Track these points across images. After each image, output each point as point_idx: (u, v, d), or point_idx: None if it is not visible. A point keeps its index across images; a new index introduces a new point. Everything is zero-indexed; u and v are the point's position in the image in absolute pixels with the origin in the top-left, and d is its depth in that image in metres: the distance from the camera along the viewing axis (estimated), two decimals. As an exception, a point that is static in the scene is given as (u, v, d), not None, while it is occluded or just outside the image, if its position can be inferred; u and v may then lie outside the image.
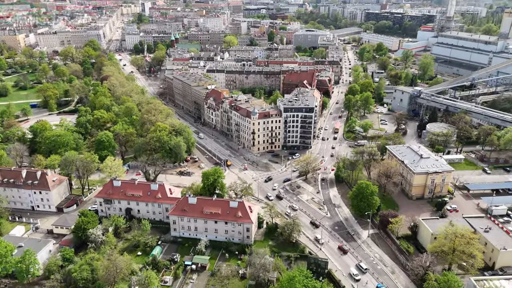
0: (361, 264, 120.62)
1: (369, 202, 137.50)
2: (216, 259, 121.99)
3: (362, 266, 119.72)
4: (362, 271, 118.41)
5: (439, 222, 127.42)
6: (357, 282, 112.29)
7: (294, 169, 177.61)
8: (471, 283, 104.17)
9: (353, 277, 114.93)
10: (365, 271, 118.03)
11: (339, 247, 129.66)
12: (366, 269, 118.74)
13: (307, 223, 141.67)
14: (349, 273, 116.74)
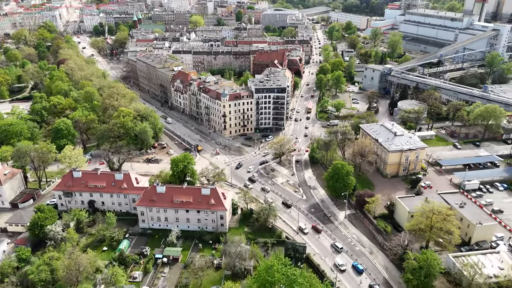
0: (336, 244, 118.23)
1: (345, 182, 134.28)
2: (189, 250, 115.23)
3: (338, 246, 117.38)
4: (337, 250, 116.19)
5: (415, 199, 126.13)
6: (339, 268, 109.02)
7: (263, 154, 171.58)
8: (450, 260, 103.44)
9: (337, 266, 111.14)
10: (340, 250, 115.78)
11: (312, 226, 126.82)
12: (341, 248, 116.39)
13: (282, 206, 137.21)
14: (333, 264, 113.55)
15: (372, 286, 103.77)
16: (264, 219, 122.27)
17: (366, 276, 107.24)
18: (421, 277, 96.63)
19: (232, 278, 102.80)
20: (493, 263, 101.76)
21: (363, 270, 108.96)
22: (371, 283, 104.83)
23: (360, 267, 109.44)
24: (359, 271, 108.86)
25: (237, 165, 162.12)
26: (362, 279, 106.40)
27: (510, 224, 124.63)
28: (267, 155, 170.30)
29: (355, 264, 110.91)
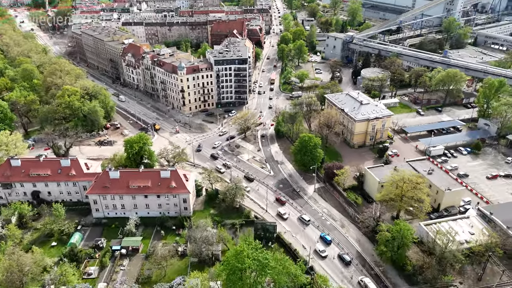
0: (303, 217, 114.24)
1: (312, 155, 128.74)
2: (150, 238, 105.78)
3: (305, 218, 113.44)
4: (304, 223, 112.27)
5: (384, 169, 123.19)
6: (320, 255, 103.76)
7: (220, 133, 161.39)
8: (422, 229, 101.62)
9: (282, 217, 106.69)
10: (307, 223, 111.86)
11: (276, 199, 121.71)
12: (308, 221, 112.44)
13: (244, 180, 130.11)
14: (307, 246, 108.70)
15: (341, 255, 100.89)
16: (230, 199, 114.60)
17: (334, 246, 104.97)
18: (394, 249, 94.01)
19: (199, 266, 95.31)
20: (464, 228, 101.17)
21: (331, 240, 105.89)
22: (340, 252, 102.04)
23: (328, 238, 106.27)
24: (327, 242, 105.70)
25: (198, 148, 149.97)
26: (332, 250, 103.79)
27: (476, 188, 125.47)
28: (224, 134, 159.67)
29: (323, 235, 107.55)
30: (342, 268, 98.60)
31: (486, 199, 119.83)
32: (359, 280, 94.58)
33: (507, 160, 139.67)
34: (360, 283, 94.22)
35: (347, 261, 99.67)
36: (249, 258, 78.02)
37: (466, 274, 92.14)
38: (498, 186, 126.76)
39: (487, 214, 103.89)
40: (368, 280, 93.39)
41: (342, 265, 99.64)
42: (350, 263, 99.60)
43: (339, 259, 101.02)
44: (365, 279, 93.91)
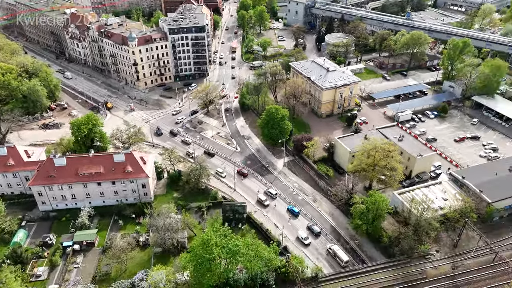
0: (270, 190, 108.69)
1: (280, 128, 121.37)
2: (107, 230, 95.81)
3: (272, 192, 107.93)
4: (272, 197, 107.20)
5: (354, 138, 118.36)
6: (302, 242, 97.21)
7: (174, 112, 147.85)
8: (396, 198, 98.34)
9: (263, 203, 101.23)
10: (275, 197, 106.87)
11: (237, 171, 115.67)
12: (275, 194, 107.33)
13: (215, 162, 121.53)
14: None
15: (310, 227, 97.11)
16: (195, 180, 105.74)
17: (302, 218, 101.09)
18: (369, 221, 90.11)
19: (164, 256, 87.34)
20: (437, 194, 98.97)
21: (298, 212, 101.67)
22: (309, 224, 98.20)
23: (296, 210, 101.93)
24: (295, 213, 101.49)
25: (157, 131, 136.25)
26: (300, 223, 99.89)
27: (445, 151, 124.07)
28: (178, 113, 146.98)
29: (290, 207, 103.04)
30: (312, 240, 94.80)
31: (455, 162, 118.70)
32: (328, 248, 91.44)
33: (473, 122, 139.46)
34: (329, 251, 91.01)
35: (317, 232, 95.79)
36: (218, 246, 70.67)
37: (442, 242, 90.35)
38: (466, 149, 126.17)
39: (459, 178, 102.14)
40: (337, 248, 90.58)
41: (312, 236, 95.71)
42: (320, 234, 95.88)
43: (308, 231, 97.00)
44: (334, 247, 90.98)
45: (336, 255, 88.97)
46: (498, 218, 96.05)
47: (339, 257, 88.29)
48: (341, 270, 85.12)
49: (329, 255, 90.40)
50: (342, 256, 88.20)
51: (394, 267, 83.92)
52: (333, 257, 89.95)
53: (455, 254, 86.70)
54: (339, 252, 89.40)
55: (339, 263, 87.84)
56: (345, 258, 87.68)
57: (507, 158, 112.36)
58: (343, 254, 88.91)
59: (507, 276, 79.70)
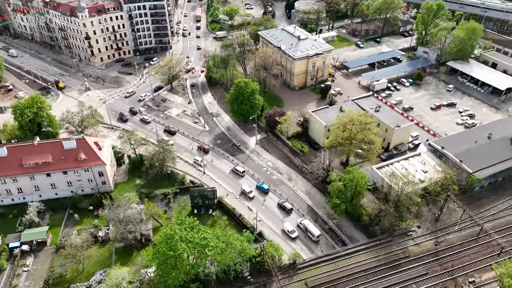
0: (237, 168, 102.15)
1: (251, 103, 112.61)
2: (61, 226, 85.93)
3: (239, 170, 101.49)
4: (239, 175, 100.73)
5: (329, 111, 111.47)
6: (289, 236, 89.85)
7: (127, 93, 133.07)
8: (375, 173, 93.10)
9: (247, 196, 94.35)
10: (242, 174, 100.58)
11: (198, 147, 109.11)
12: (243, 172, 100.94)
13: (179, 143, 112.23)
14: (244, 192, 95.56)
15: (281, 204, 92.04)
16: (159, 165, 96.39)
17: (272, 195, 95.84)
18: (347, 199, 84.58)
19: (126, 251, 79.18)
20: (417, 167, 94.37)
21: (268, 189, 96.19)
22: (280, 201, 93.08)
23: (265, 187, 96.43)
24: (265, 191, 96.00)
25: (120, 116, 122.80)
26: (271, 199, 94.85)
27: (422, 120, 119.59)
28: (131, 94, 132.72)
29: (259, 184, 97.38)
30: (283, 217, 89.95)
31: (433, 131, 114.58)
32: (298, 223, 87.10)
33: (448, 88, 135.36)
34: (299, 226, 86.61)
35: (288, 209, 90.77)
36: (183, 241, 62.82)
37: (423, 217, 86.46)
38: (442, 116, 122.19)
39: (439, 148, 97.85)
40: (308, 222, 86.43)
41: (284, 214, 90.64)
42: (291, 210, 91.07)
43: (279, 208, 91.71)
44: (304, 221, 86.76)
45: (307, 230, 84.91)
46: (479, 188, 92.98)
47: (310, 232, 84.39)
48: (321, 254, 79.74)
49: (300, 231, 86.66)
50: (313, 231, 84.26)
51: (375, 247, 79.38)
52: (304, 232, 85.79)
53: (437, 229, 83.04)
54: (310, 226, 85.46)
55: (311, 238, 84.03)
56: (316, 233, 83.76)
57: (485, 125, 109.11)
58: (314, 229, 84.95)
59: (491, 249, 76.81)
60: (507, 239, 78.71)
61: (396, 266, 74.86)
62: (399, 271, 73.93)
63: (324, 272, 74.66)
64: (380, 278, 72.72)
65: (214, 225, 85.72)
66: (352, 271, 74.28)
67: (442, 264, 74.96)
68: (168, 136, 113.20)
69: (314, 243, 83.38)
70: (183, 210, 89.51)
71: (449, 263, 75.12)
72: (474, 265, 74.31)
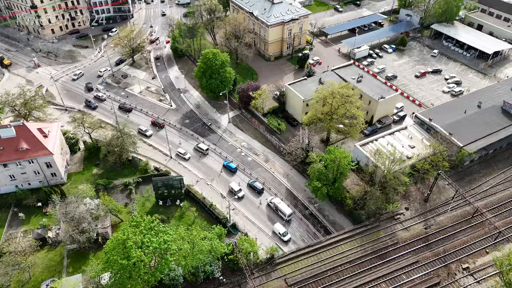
0: (200, 146, 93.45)
1: (221, 77, 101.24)
2: (4, 227, 74.63)
3: (202, 148, 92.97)
4: (203, 152, 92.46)
5: (308, 83, 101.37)
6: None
7: (75, 76, 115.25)
8: (358, 151, 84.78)
9: (236, 195, 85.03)
10: (206, 153, 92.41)
11: (152, 122, 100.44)
12: (207, 150, 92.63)
13: (137, 121, 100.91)
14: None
15: (251, 184, 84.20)
16: (118, 151, 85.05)
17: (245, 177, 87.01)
18: (329, 182, 76.37)
19: (81, 254, 69.16)
20: (403, 142, 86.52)
21: (236, 168, 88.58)
22: (250, 181, 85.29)
23: (233, 166, 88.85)
24: (232, 170, 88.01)
25: (86, 103, 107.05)
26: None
27: (406, 90, 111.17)
28: (80, 76, 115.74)
29: (226, 163, 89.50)
30: (254, 198, 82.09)
31: (418, 101, 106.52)
32: (269, 202, 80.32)
33: (433, 54, 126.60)
34: (269, 205, 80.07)
35: (259, 189, 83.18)
36: (139, 247, 53.20)
37: (411, 197, 79.36)
38: (428, 84, 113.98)
39: (426, 121, 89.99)
40: (278, 200, 79.54)
41: (254, 194, 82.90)
42: (263, 190, 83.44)
43: (249, 188, 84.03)
44: (275, 200, 79.84)
45: (278, 208, 78.02)
46: (469, 162, 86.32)
47: (281, 211, 77.55)
48: (302, 246, 71.96)
49: (270, 211, 79.45)
50: (284, 210, 77.39)
51: (361, 234, 72.08)
52: (275, 211, 78.86)
53: (426, 210, 76.24)
54: (281, 205, 78.35)
55: (282, 217, 77.41)
56: (287, 211, 77.00)
57: (474, 93, 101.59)
58: (285, 207, 78.01)
59: (485, 230, 70.73)
60: (502, 220, 72.60)
61: (384, 255, 67.98)
62: (388, 261, 67.16)
63: (305, 266, 67.06)
64: (367, 269, 65.84)
65: (182, 218, 76.53)
66: (336, 263, 67.02)
67: (433, 250, 68.53)
68: (123, 113, 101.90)
69: (287, 223, 76.83)
70: (147, 202, 79.58)
71: (441, 248, 68.77)
72: (467, 249, 68.17)
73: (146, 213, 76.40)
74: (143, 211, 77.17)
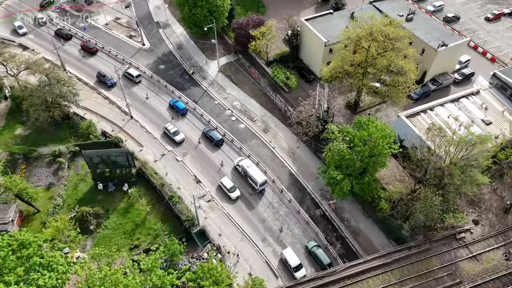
0: (128, 71, 70.79)
1: (210, 4, 70.97)
2: None
3: (131, 74, 70.43)
4: (133, 80, 70.22)
5: (334, 19, 70.40)
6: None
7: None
8: (403, 125, 55.70)
9: (229, 195, 58.74)
10: (137, 80, 70.46)
11: (81, 46, 76.39)
12: (138, 76, 70.83)
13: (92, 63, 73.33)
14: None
15: (206, 132, 62.04)
16: (47, 105, 58.44)
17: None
18: (356, 172, 48.74)
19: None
20: (474, 114, 56.68)
21: (185, 109, 66.13)
22: (205, 129, 62.89)
23: (181, 105, 65.99)
24: (181, 111, 65.45)
25: (99, 77, 74.73)
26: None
27: (473, 37, 78.36)
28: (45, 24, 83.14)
29: (173, 102, 66.73)
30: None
31: (490, 54, 74.38)
32: (236, 165, 57.79)
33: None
34: (237, 169, 57.57)
35: (217, 141, 60.74)
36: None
37: (484, 204, 51.07)
38: (505, 32, 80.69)
39: (510, 82, 58.99)
40: (248, 163, 56.58)
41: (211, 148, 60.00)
42: (222, 142, 61.35)
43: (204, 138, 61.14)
44: (243, 162, 56.77)
45: (248, 174, 55.24)
46: None
47: (252, 178, 54.78)
48: (306, 275, 46.07)
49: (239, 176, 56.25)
50: (256, 177, 54.41)
51: (401, 262, 45.26)
52: (244, 177, 55.95)
53: (508, 228, 48.22)
54: (252, 170, 55.22)
55: (253, 187, 55.02)
56: (260, 179, 54.19)
57: None
58: (257, 174, 54.86)
59: None
60: None
61: (437, 303, 41.70)
62: (444, 314, 40.98)
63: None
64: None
65: (129, 212, 51.32)
66: (358, 311, 41.20)
67: (521, 300, 41.72)
68: (58, 41, 74.97)
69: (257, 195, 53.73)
70: (82, 183, 54.33)
71: (535, 297, 41.84)
72: None
73: (77, 200, 51.52)
74: (74, 197, 52.19)
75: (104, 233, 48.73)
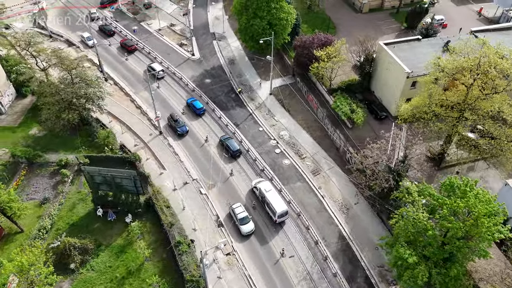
0: (152, 66, 66.11)
1: (272, 16, 60.57)
2: None
3: (155, 68, 65.16)
4: (155, 76, 62.84)
5: (421, 47, 56.24)
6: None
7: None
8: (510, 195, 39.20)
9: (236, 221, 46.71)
10: (159, 75, 63.85)
11: (120, 43, 70.77)
12: (160, 72, 64.18)
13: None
14: None
15: (257, 187, 46.78)
16: (63, 107, 50.46)
17: None
18: (438, 257, 33.26)
19: None
20: None
21: (203, 109, 58.33)
22: (222, 136, 53.64)
23: (199, 105, 58.59)
24: (198, 111, 58.02)
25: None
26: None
27: None
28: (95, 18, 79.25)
29: (190, 100, 59.35)
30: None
31: None
32: (253, 187, 47.00)
33: None
34: (254, 192, 47.03)
35: (234, 151, 51.39)
36: None
37: None
38: None
39: None
40: (268, 186, 45.64)
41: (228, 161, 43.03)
42: (239, 153, 51.75)
43: (221, 148, 43.23)
44: (262, 185, 45.96)
45: (266, 201, 44.27)
46: None
47: (270, 206, 43.56)
48: None
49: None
50: (275, 206, 43.01)
51: None
52: (261, 203, 45.54)
53: None
54: (270, 196, 43.98)
55: (271, 217, 43.56)
56: (279, 208, 42.99)
57: None
58: (278, 202, 43.65)
59: None
60: None
61: None
62: None
63: None
64: None
65: (124, 252, 40.10)
66: None
67: None
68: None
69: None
70: (82, 203, 44.48)
71: None
72: None
73: (69, 224, 41.62)
74: (66, 221, 42.38)
75: (87, 276, 37.84)
